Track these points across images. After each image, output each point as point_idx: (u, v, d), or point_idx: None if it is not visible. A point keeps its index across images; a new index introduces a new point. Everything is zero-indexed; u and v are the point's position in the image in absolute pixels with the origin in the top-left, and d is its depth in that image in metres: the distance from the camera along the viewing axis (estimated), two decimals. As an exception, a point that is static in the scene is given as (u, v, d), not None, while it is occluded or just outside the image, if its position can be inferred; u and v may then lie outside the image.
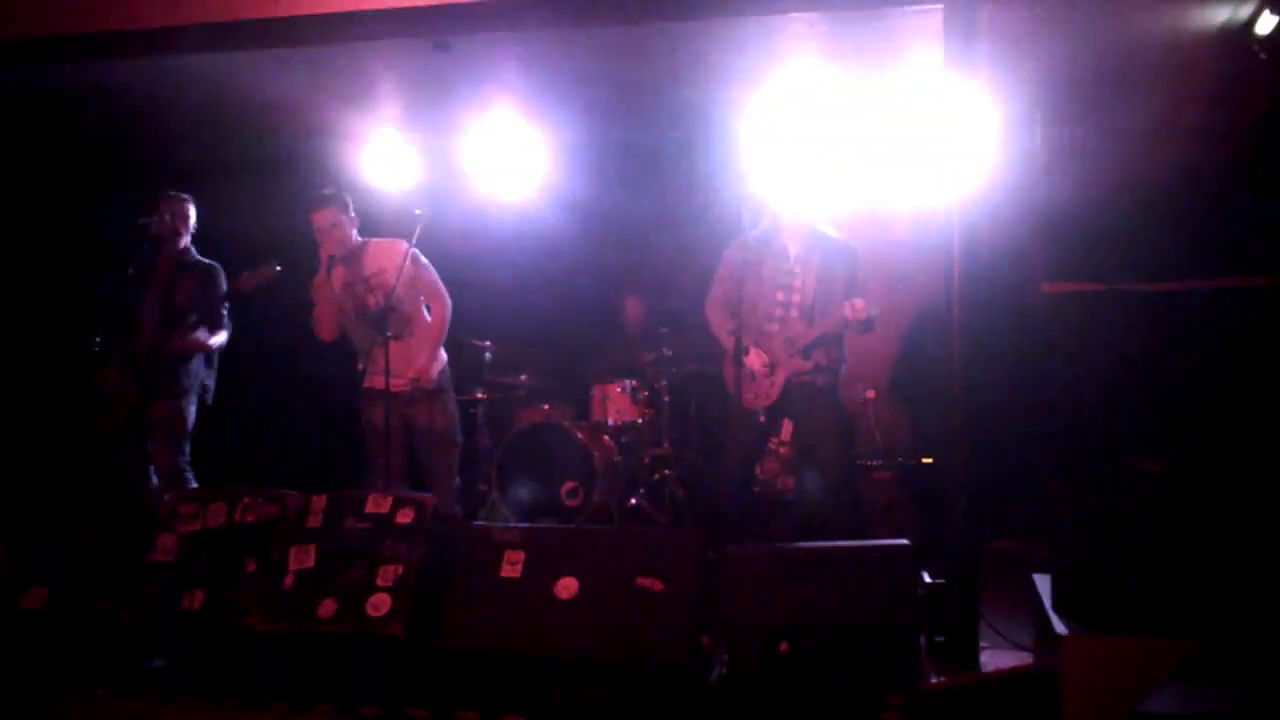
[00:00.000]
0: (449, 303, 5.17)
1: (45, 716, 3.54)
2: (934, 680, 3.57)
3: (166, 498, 4.43)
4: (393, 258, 5.03)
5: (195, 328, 5.03)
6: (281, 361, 6.40)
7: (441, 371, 5.20)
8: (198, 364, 5.14)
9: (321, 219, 4.99)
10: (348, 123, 6.42)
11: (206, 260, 5.22)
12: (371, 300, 5.03)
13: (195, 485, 5.02)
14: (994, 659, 3.85)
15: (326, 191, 5.14)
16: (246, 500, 4.17)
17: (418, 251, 5.07)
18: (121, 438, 5.02)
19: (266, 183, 6.59)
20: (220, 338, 5.12)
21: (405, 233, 5.06)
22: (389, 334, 4.90)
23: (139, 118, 6.28)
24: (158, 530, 4.13)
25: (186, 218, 5.21)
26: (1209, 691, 2.90)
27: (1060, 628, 3.18)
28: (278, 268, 4.91)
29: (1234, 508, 3.18)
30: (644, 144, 6.91)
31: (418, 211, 5.13)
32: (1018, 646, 3.91)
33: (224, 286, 5.13)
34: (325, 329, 5.05)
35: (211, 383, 5.22)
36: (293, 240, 5.44)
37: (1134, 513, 3.22)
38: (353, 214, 5.12)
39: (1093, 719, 3.03)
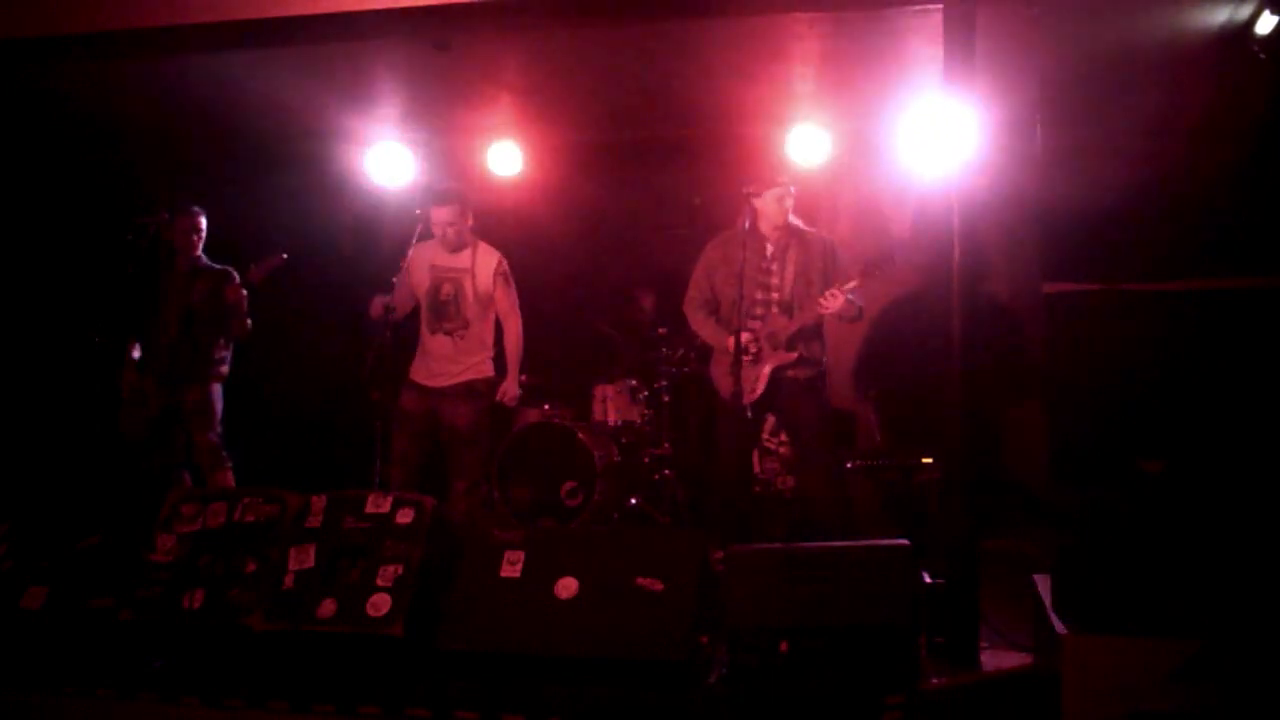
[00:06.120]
0: (520, 326, 5.26)
1: (45, 716, 3.54)
2: (934, 680, 3.57)
3: (168, 497, 4.43)
4: (484, 265, 5.18)
5: (215, 328, 5.33)
6: (283, 362, 6.40)
7: (488, 381, 5.23)
8: (221, 354, 5.41)
9: (441, 214, 5.12)
10: (347, 123, 6.42)
11: (219, 265, 5.44)
12: (445, 288, 5.16)
13: (230, 464, 5.34)
14: (994, 659, 3.84)
15: (453, 187, 5.36)
16: (246, 500, 4.16)
17: (509, 272, 5.23)
18: (150, 441, 5.28)
19: (266, 182, 6.60)
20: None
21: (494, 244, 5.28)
22: (445, 327, 5.11)
23: (139, 118, 6.27)
24: (158, 530, 4.14)
25: (199, 229, 5.46)
26: (1208, 691, 2.91)
27: (1060, 628, 3.18)
28: (284, 256, 5.15)
29: (1233, 508, 3.18)
30: (643, 144, 6.91)
31: (418, 211, 5.14)
32: (1018, 646, 3.90)
33: (240, 288, 5.37)
34: (396, 301, 5.12)
35: (226, 368, 5.48)
36: (292, 240, 5.44)
37: (1134, 513, 3.22)
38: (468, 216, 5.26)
39: (1093, 719, 3.03)
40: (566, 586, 3.73)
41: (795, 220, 4.99)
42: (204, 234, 5.45)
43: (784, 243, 4.94)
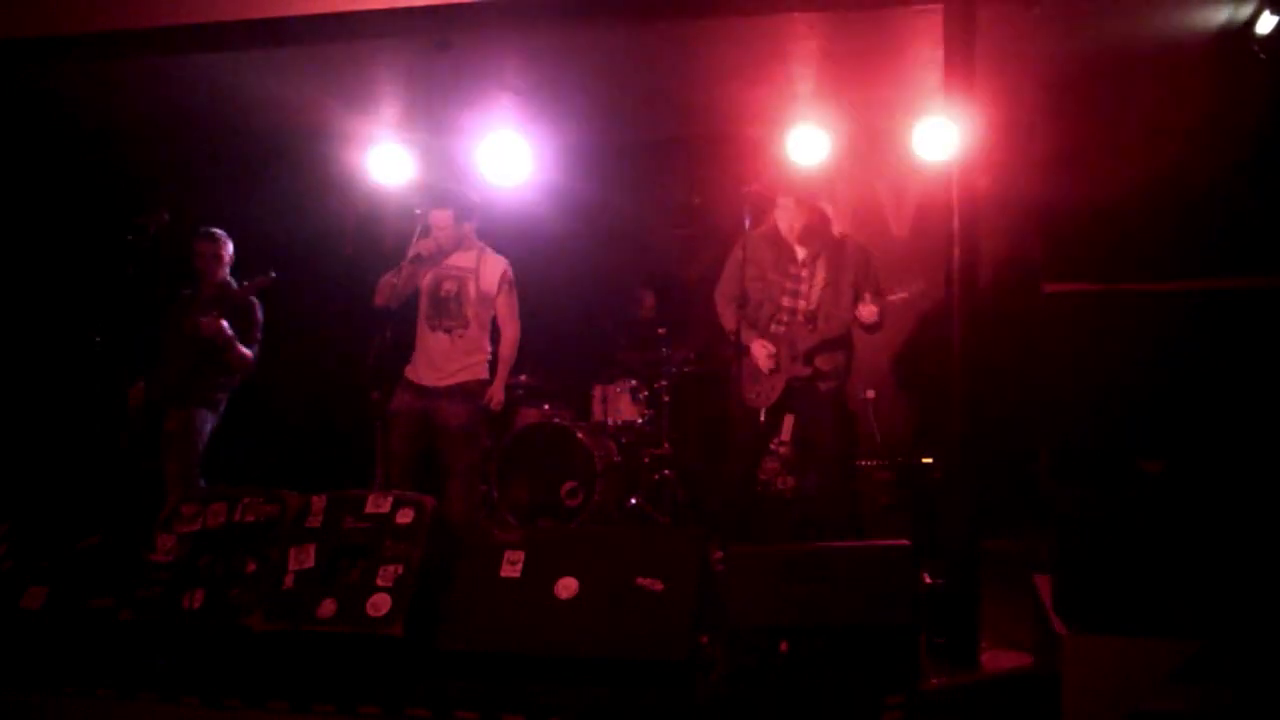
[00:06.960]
0: (518, 334, 5.25)
1: (45, 716, 3.54)
2: (934, 680, 3.57)
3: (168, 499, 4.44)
4: (489, 268, 5.17)
5: (221, 353, 5.20)
6: (283, 362, 6.40)
7: (483, 383, 5.21)
8: (223, 379, 5.29)
9: (437, 217, 5.11)
10: (347, 123, 6.42)
11: (244, 298, 5.35)
12: (447, 285, 5.14)
13: None
14: (994, 659, 3.85)
15: (451, 190, 5.33)
16: (246, 500, 4.16)
17: (513, 280, 5.22)
18: (149, 449, 5.18)
19: (266, 183, 6.60)
20: (249, 351, 5.29)
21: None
22: (445, 324, 5.08)
23: (139, 118, 6.28)
24: (158, 530, 4.14)
25: (219, 255, 5.38)
26: (1209, 691, 2.91)
27: (1060, 628, 3.18)
28: (273, 275, 5.11)
29: (1233, 508, 3.18)
30: (643, 144, 6.91)
31: (417, 211, 5.14)
32: (1018, 646, 3.91)
33: (260, 317, 5.33)
34: (381, 295, 5.11)
35: (223, 395, 5.36)
36: (292, 240, 5.44)
37: (1133, 513, 3.22)
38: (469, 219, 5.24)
39: (1093, 719, 3.03)
40: (566, 586, 3.73)
41: (832, 229, 4.94)
42: (225, 259, 5.39)
43: (815, 249, 4.88)
